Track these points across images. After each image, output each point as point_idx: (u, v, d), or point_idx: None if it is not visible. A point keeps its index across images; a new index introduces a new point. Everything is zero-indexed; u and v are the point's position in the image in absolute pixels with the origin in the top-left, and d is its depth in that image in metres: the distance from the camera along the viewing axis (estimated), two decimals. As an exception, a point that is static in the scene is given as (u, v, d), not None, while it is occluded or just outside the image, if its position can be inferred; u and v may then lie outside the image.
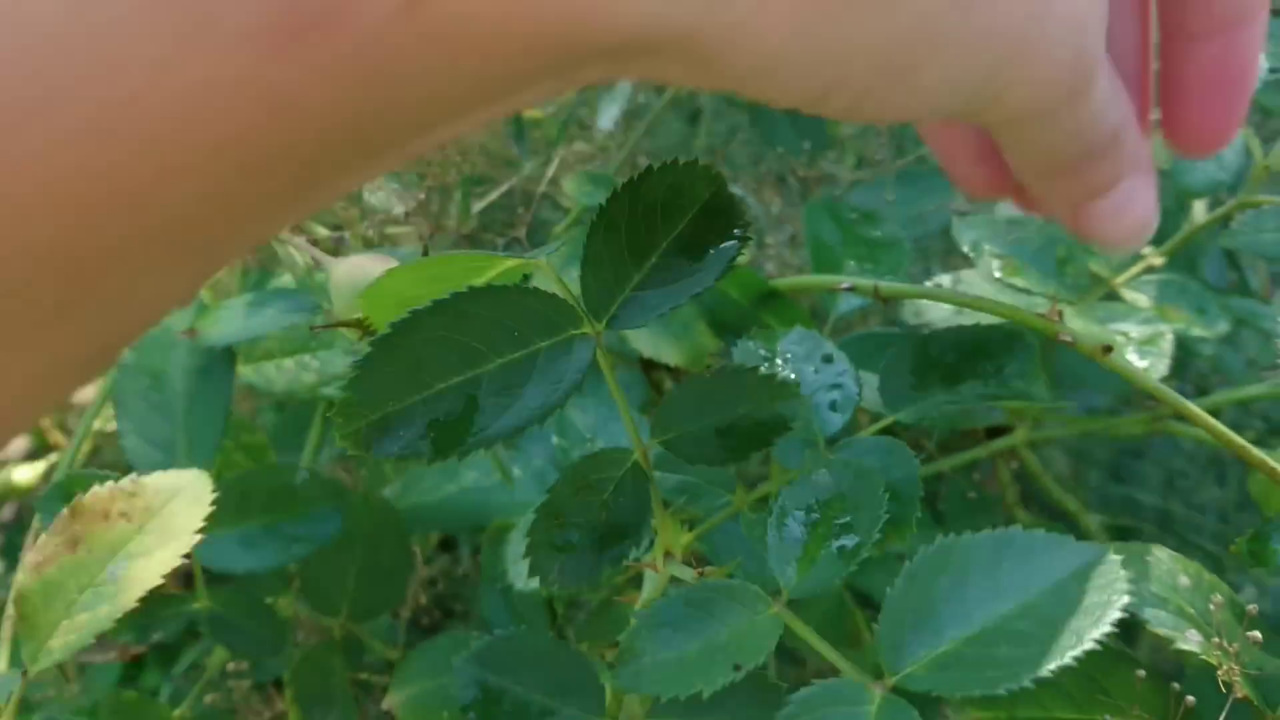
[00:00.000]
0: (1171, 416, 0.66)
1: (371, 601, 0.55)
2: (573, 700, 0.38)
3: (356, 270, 0.46)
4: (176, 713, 0.52)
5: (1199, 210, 0.63)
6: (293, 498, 0.47)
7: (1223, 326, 0.58)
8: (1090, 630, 0.28)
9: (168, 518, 0.43)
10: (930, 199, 0.72)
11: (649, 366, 0.65)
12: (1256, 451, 0.44)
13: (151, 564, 0.41)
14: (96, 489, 0.42)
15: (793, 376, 0.49)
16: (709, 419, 0.36)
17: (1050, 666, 0.28)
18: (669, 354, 0.60)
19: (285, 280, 0.55)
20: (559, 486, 0.35)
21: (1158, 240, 0.64)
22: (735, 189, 0.94)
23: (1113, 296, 0.60)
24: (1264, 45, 0.60)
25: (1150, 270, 0.62)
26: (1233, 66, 0.30)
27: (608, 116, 0.81)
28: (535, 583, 0.48)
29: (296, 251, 0.52)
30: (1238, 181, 0.55)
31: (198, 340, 0.49)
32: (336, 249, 0.73)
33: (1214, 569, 0.45)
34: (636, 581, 0.40)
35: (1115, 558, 0.31)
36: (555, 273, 0.37)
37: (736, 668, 0.28)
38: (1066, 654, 0.28)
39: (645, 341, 0.60)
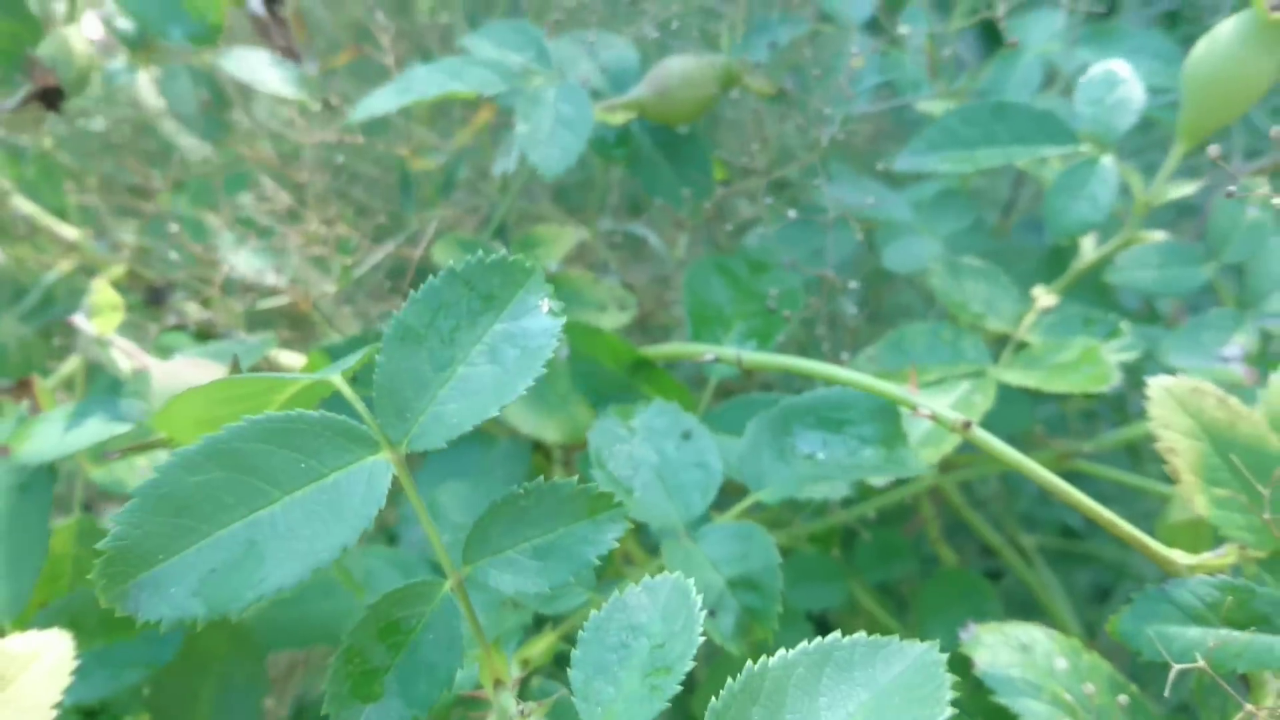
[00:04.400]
0: (1081, 455, 0.64)
1: (229, 723, 0.51)
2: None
3: (175, 378, 0.43)
4: None
5: (1088, 247, 0.62)
6: (128, 618, 0.44)
7: (1134, 352, 0.55)
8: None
9: (23, 689, 0.39)
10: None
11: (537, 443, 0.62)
12: (1092, 504, 0.42)
13: None
14: None
15: (654, 455, 0.47)
16: (527, 538, 0.34)
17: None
18: (548, 431, 0.58)
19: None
20: (359, 628, 0.32)
21: (1046, 279, 0.62)
22: (638, 229, 0.90)
23: (1023, 345, 0.58)
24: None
25: (1045, 313, 0.60)
26: None
27: (503, 163, 0.78)
28: None
29: (121, 355, 0.48)
30: (1108, 219, 0.54)
31: (11, 459, 0.46)
32: (209, 328, 0.70)
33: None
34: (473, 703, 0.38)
35: (940, 660, 0.28)
36: (350, 391, 0.34)
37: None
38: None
39: (522, 419, 0.58)
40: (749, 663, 0.28)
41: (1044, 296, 0.60)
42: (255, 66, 0.67)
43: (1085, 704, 0.39)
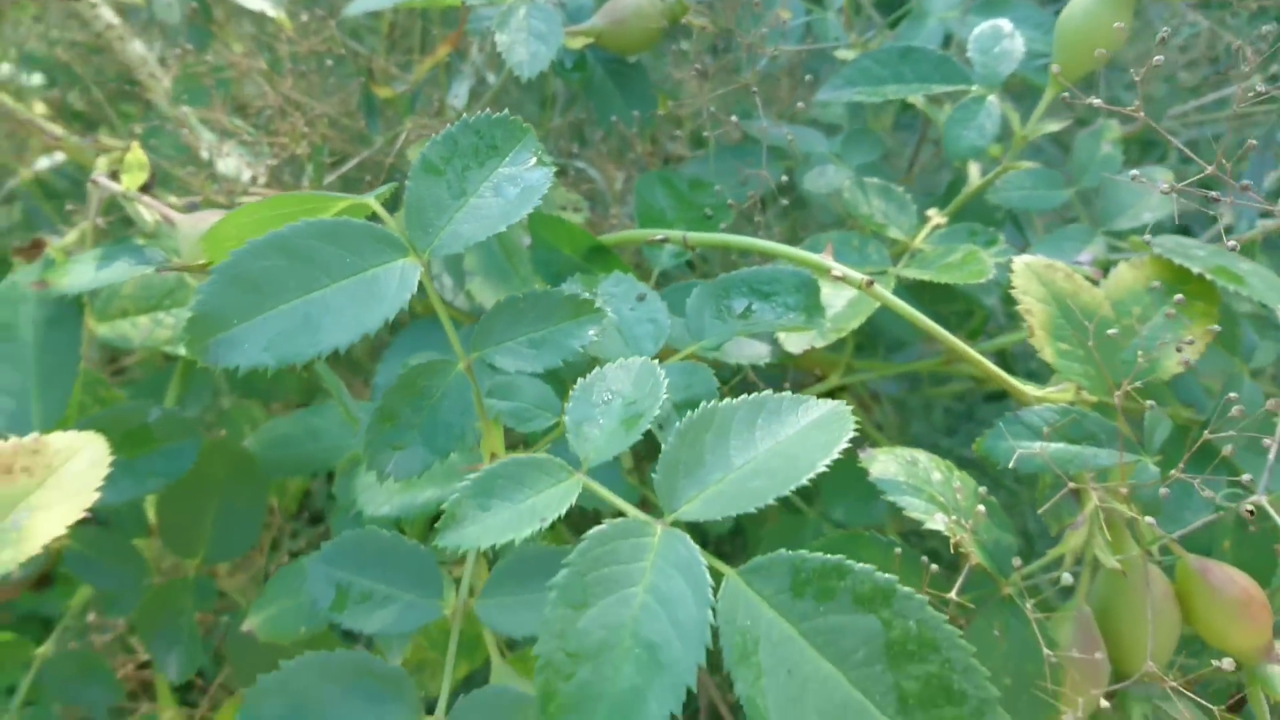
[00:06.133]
0: (958, 360, 0.75)
1: (228, 544, 0.58)
2: (413, 588, 0.44)
3: (201, 221, 0.50)
4: (40, 650, 0.55)
5: (975, 175, 0.73)
6: (147, 435, 0.51)
7: (1008, 256, 0.66)
8: (821, 458, 0.35)
9: (68, 476, 0.45)
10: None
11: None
12: (992, 367, 0.53)
13: (53, 516, 0.44)
14: (0, 444, 0.45)
15: (613, 315, 0.56)
16: (524, 332, 0.42)
17: (791, 487, 0.34)
18: (508, 306, 0.65)
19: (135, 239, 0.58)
20: (391, 392, 0.40)
21: (941, 203, 0.73)
22: (581, 164, 0.99)
23: (916, 253, 0.68)
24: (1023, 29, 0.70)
25: (937, 228, 0.70)
26: None
27: (457, 93, 0.86)
28: (385, 508, 0.53)
29: (145, 209, 0.55)
30: (990, 147, 0.64)
31: (47, 292, 0.52)
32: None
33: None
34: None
35: (847, 408, 0.38)
36: (384, 210, 0.42)
37: (542, 520, 0.34)
38: (803, 477, 0.35)
39: (486, 294, 0.66)
40: (704, 402, 0.37)
41: (937, 217, 0.71)
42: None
43: (954, 503, 0.49)
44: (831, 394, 0.87)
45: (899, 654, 0.33)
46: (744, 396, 0.38)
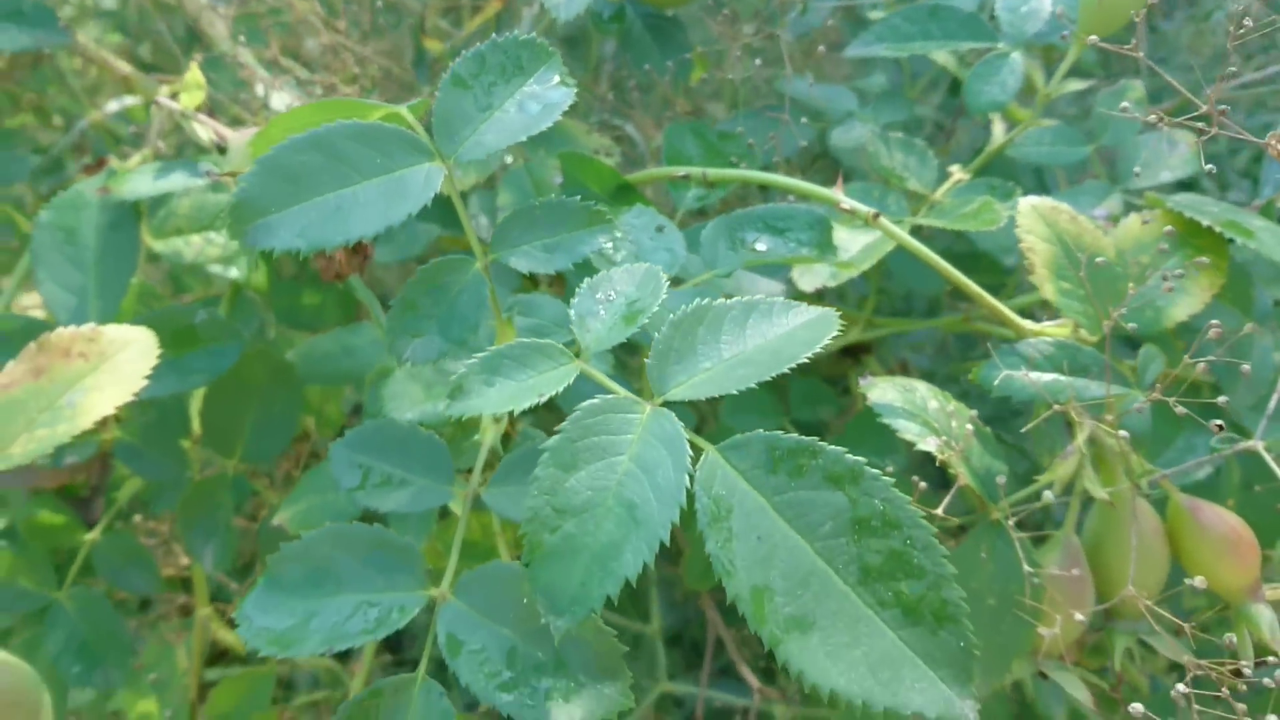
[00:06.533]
0: (979, 318, 0.77)
1: (263, 445, 0.62)
2: (427, 473, 0.47)
3: (250, 135, 0.54)
4: (88, 536, 0.59)
5: (999, 132, 0.74)
6: (193, 335, 0.55)
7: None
8: (803, 352, 0.38)
9: (120, 363, 0.50)
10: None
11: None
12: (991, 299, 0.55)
13: (104, 397, 0.48)
14: (60, 330, 0.49)
15: (633, 244, 0.58)
16: (539, 238, 0.45)
17: (772, 374, 0.37)
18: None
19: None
20: (413, 283, 0.43)
21: (966, 160, 0.74)
22: (619, 121, 1.02)
23: (935, 205, 0.70)
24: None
25: (959, 184, 0.72)
26: None
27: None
28: (409, 414, 0.56)
29: (200, 128, 0.59)
30: (1010, 102, 0.66)
31: (110, 197, 0.56)
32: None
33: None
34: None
35: (833, 313, 0.40)
36: (414, 119, 0.45)
37: (540, 396, 0.37)
38: (784, 367, 0.37)
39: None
40: (698, 299, 0.40)
41: (959, 172, 0.72)
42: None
43: (947, 429, 0.51)
44: (855, 357, 0.89)
45: (863, 529, 0.35)
46: (736, 299, 0.40)
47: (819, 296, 0.65)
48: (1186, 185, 0.83)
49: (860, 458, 0.36)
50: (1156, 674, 0.70)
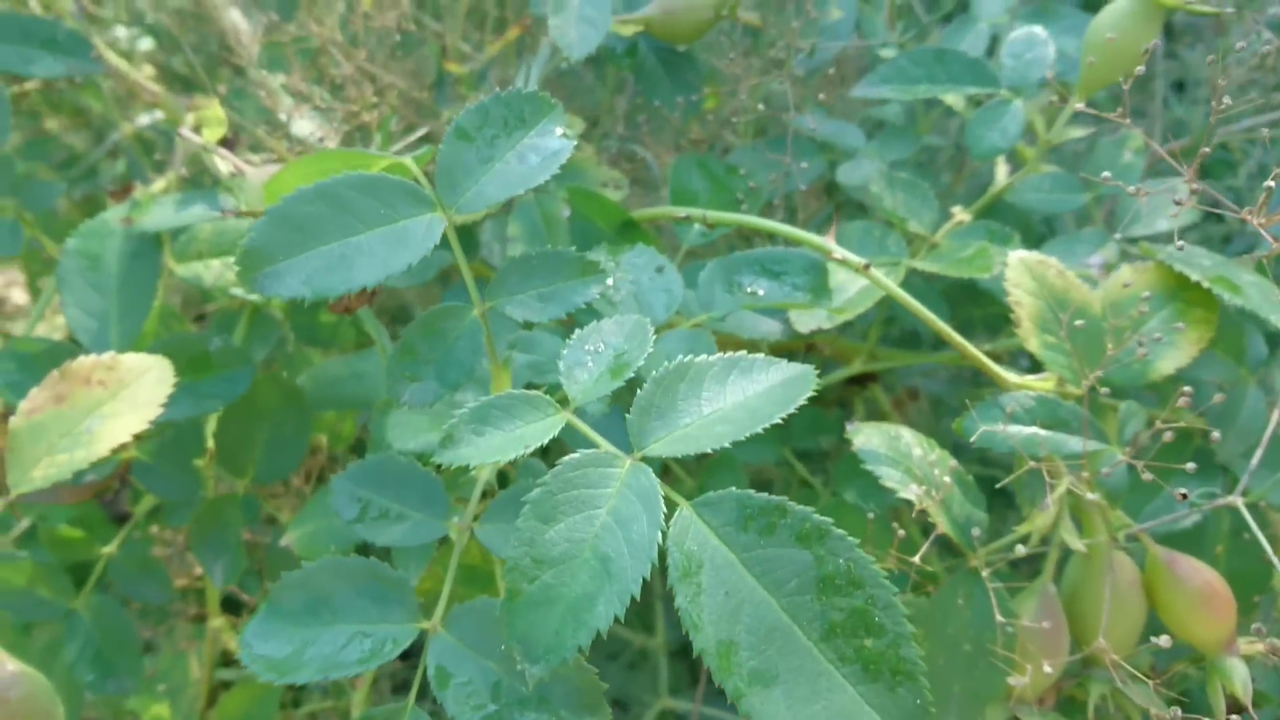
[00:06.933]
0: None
1: (274, 466, 0.65)
2: (423, 508, 0.49)
3: (267, 174, 0.56)
4: (105, 549, 0.62)
5: (1001, 176, 0.75)
6: (208, 361, 0.57)
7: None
8: (779, 412, 0.39)
9: (137, 390, 0.52)
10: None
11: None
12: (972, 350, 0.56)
13: (122, 424, 0.51)
14: (82, 358, 0.52)
15: (633, 282, 0.60)
16: (534, 287, 0.47)
17: (747, 433, 0.39)
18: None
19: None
20: (412, 328, 0.45)
21: (967, 201, 0.76)
22: (634, 147, 1.04)
23: (935, 247, 0.71)
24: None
25: (959, 225, 0.73)
26: None
27: (531, 76, 0.91)
28: (412, 444, 0.58)
29: (221, 161, 0.61)
30: (1009, 148, 0.67)
31: (132, 228, 0.58)
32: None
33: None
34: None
35: (811, 371, 0.42)
36: (417, 170, 0.47)
37: (526, 447, 0.39)
38: (759, 426, 0.39)
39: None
40: (680, 356, 0.41)
41: (961, 214, 0.73)
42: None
43: (930, 478, 0.53)
44: (861, 383, 0.91)
45: (828, 587, 0.37)
46: (717, 356, 0.42)
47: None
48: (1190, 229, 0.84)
49: (827, 518, 0.37)
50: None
